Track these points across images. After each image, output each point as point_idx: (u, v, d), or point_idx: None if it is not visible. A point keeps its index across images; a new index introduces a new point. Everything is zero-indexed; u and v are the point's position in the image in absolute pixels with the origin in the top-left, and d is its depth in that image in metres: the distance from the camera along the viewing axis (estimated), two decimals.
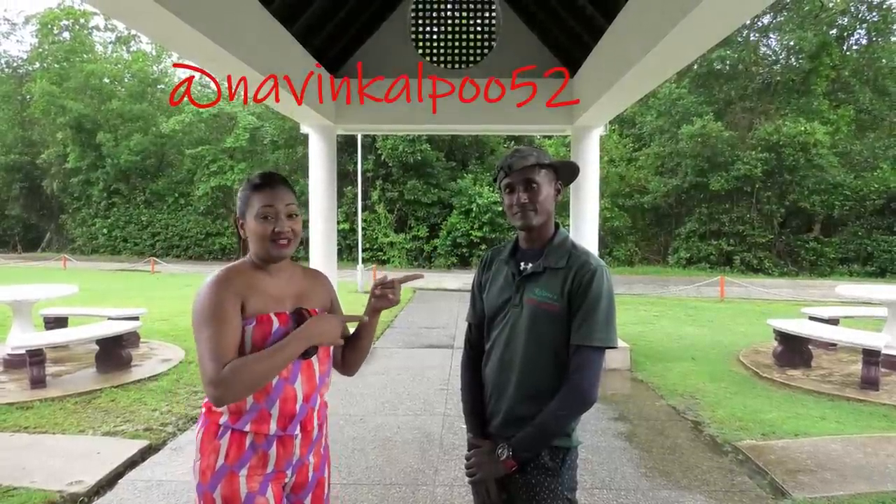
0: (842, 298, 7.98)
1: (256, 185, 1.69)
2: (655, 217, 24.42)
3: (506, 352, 1.84)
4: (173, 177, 27.12)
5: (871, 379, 5.78)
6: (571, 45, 6.71)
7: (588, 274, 1.76)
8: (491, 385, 1.90)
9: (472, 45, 7.12)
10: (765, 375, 6.37)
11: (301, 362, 1.68)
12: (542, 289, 1.79)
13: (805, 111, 21.64)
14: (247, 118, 24.62)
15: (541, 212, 1.83)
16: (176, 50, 4.22)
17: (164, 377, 6.14)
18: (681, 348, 7.97)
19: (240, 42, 4.30)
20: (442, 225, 23.38)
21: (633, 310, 11.76)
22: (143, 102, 27.88)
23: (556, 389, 1.74)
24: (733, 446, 4.42)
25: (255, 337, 1.60)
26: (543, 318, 1.77)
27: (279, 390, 1.64)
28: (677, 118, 22.31)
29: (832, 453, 4.20)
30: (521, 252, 1.93)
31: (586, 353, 1.72)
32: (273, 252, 1.68)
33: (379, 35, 7.13)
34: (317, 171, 7.39)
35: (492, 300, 1.92)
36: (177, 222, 26.56)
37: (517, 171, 1.82)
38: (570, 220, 7.42)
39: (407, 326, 9.81)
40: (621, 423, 4.99)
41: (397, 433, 4.71)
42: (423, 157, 22.77)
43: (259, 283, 1.67)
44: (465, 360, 2.04)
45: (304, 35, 5.93)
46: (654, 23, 3.95)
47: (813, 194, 20.84)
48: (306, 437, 1.72)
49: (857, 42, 23.75)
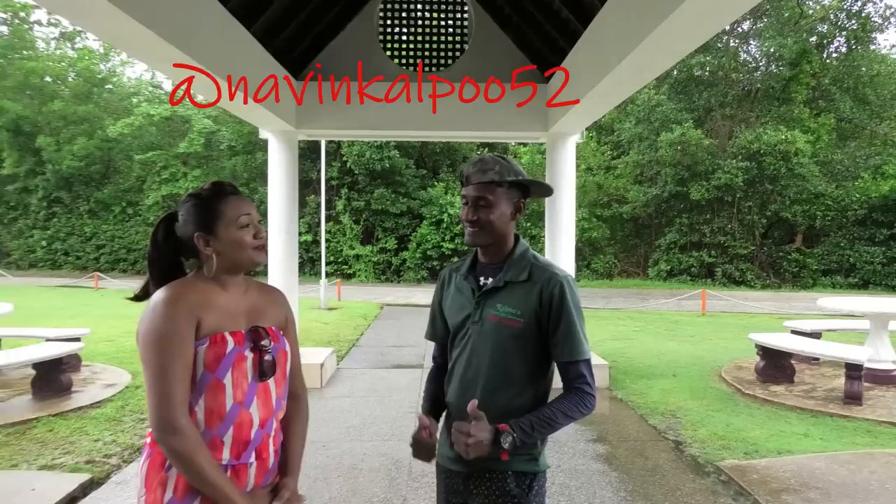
0: (824, 311, 8.24)
1: (221, 192, 1.70)
2: (635, 228, 24.84)
3: (467, 371, 1.85)
4: (120, 184, 26.60)
5: (854, 394, 5.94)
6: (547, 50, 6.81)
7: (557, 287, 1.77)
8: (453, 406, 1.90)
9: (444, 48, 7.17)
10: (747, 392, 6.50)
11: (257, 384, 1.66)
12: (503, 304, 1.80)
13: (785, 119, 22.32)
14: (202, 122, 24.36)
15: (488, 232, 1.82)
16: (125, 49, 4.16)
17: (108, 404, 5.99)
18: (661, 365, 8.09)
19: (194, 41, 4.26)
20: (411, 236, 23.38)
21: (612, 325, 11.90)
22: (89, 104, 27.31)
23: (519, 410, 1.76)
24: (715, 466, 4.49)
25: (207, 358, 1.57)
26: (505, 335, 1.79)
27: (234, 415, 1.61)
28: (656, 125, 22.78)
29: (816, 471, 4.30)
30: (480, 267, 1.93)
31: (580, 367, 1.77)
32: (257, 259, 1.71)
33: (345, 36, 7.14)
34: (277, 178, 7.33)
35: (452, 318, 1.93)
36: (124, 234, 26.02)
37: (472, 185, 1.81)
38: (546, 231, 7.50)
39: (373, 345, 9.75)
40: (600, 445, 5.03)
41: (363, 460, 4.67)
42: (392, 164, 22.78)
43: (214, 298, 1.65)
44: (432, 375, 2.08)
45: (264, 35, 5.90)
46: (631, 27, 4.04)
47: (794, 204, 21.46)
48: (261, 466, 1.69)
49: (836, 50, 24.64)
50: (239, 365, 1.62)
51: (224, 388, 1.59)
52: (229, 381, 1.60)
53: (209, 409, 1.58)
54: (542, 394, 1.85)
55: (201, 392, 1.58)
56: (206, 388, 1.58)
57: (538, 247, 21.17)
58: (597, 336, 10.28)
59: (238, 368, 1.62)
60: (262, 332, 1.69)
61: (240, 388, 1.62)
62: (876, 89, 23.53)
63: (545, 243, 7.42)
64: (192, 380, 1.57)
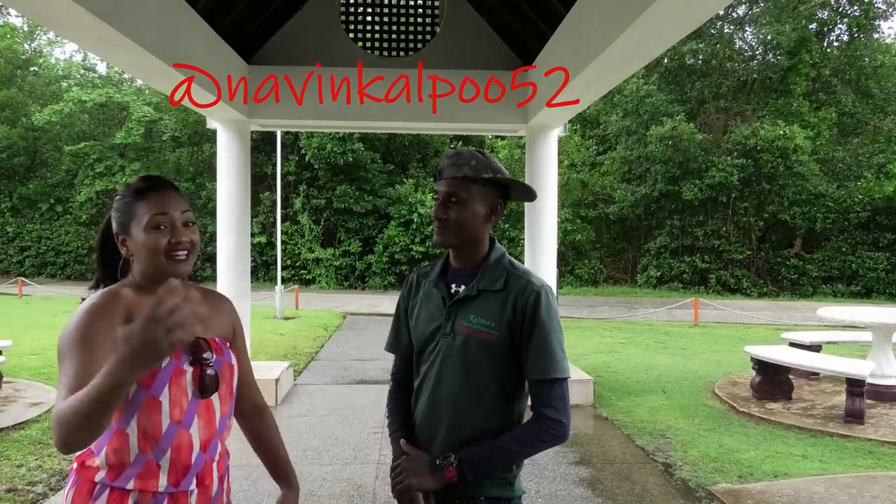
0: (824, 322, 8.43)
1: (141, 189, 1.64)
2: (622, 230, 25.12)
3: (437, 388, 1.84)
4: (48, 179, 26.07)
5: (855, 412, 6.08)
6: (526, 34, 6.86)
7: (532, 298, 1.76)
8: (421, 429, 1.89)
9: (413, 32, 7.18)
10: (742, 409, 6.62)
11: (198, 402, 1.63)
12: (477, 315, 1.79)
13: (784, 113, 22.77)
14: (141, 109, 24.01)
15: (458, 233, 1.81)
16: (53, 27, 4.09)
17: (33, 425, 5.87)
18: (650, 380, 8.19)
19: (129, 18, 4.20)
20: (377, 238, 23.33)
21: (597, 336, 12.02)
22: (12, 88, 26.69)
23: (492, 432, 1.76)
24: (707, 491, 4.56)
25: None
26: (478, 349, 1.78)
27: (171, 437, 1.58)
28: (645, 118, 23.09)
29: (815, 496, 4.39)
30: (451, 272, 1.91)
31: (552, 385, 1.74)
32: (169, 268, 1.62)
33: (302, 17, 7.10)
34: (227, 173, 7.26)
35: (420, 329, 1.91)
36: (52, 234, 25.49)
37: (445, 180, 1.81)
38: (525, 233, 7.54)
39: (335, 358, 9.70)
40: (583, 468, 5.07)
41: (322, 486, 4.65)
42: (356, 158, 22.69)
43: (143, 308, 1.62)
44: (392, 394, 2.05)
45: (212, 15, 5.85)
46: (617, 10, 4.09)
47: (793, 205, 21.90)
48: (204, 493, 1.66)
49: (838, 38, 25.26)
50: (177, 380, 1.59)
51: (160, 406, 1.56)
52: (166, 398, 1.57)
53: (143, 429, 1.55)
54: (518, 416, 1.85)
55: (133, 412, 1.55)
56: (140, 407, 1.55)
57: (517, 250, 21.31)
58: (581, 349, 10.37)
59: (176, 384, 1.58)
60: (203, 343, 1.66)
61: (178, 407, 1.59)
62: (879, 81, 24.07)
63: (525, 246, 7.47)
64: (124, 399, 1.54)
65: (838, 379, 6.94)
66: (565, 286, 22.42)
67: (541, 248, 7.34)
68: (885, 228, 21.57)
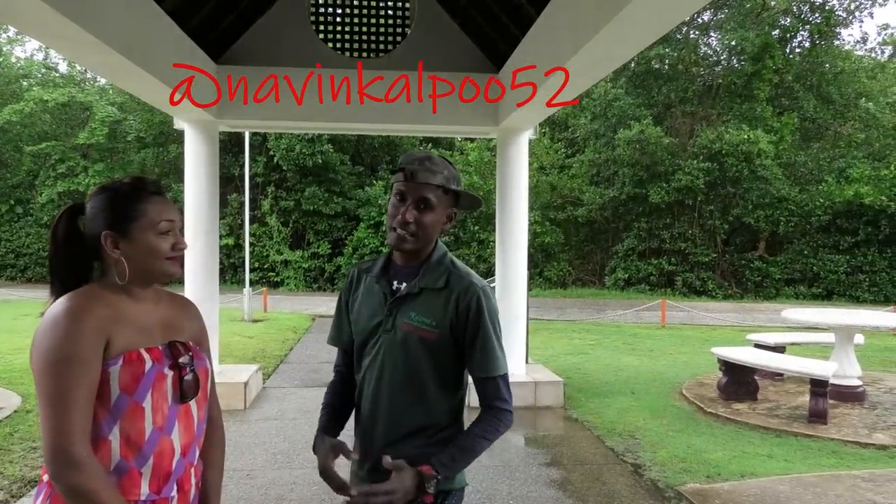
0: (788, 323, 8.63)
1: (145, 190, 1.63)
2: (590, 232, 25.33)
3: (379, 382, 1.89)
4: (8, 180, 25.41)
5: (819, 412, 6.21)
6: (497, 37, 6.89)
7: (474, 298, 1.83)
8: (366, 423, 1.93)
9: (383, 33, 7.16)
10: (709, 410, 6.72)
11: (179, 407, 1.61)
12: (418, 313, 1.84)
13: (748, 118, 23.20)
14: (105, 109, 23.55)
15: (421, 238, 1.86)
16: (15, 24, 3.99)
17: None
18: (619, 381, 8.28)
19: (93, 15, 4.12)
20: (347, 240, 23.21)
21: (566, 338, 12.10)
22: None
23: (433, 426, 1.84)
24: (676, 491, 4.62)
25: (123, 379, 1.51)
26: (419, 346, 1.83)
27: (154, 443, 1.55)
28: (613, 121, 23.34)
29: (781, 495, 4.47)
30: (394, 269, 1.96)
31: (496, 383, 1.84)
32: (171, 271, 1.65)
33: (271, 16, 7.04)
34: (195, 174, 7.16)
35: (361, 324, 1.95)
36: (12, 236, 24.85)
37: (419, 183, 1.83)
38: (496, 236, 7.56)
39: (304, 361, 9.63)
40: (554, 469, 5.10)
41: (293, 490, 4.61)
42: (325, 159, 22.56)
43: (125, 310, 1.58)
44: (332, 385, 2.09)
45: (179, 13, 5.76)
46: (588, 15, 4.13)
47: (757, 209, 22.31)
48: (183, 499, 1.64)
49: (800, 45, 25.79)
50: (159, 385, 1.57)
51: (143, 412, 1.54)
52: (149, 404, 1.55)
53: (126, 437, 1.52)
54: (457, 406, 1.93)
55: (117, 418, 1.52)
56: (123, 413, 1.52)
57: (487, 252, 21.38)
58: (550, 350, 10.43)
59: (158, 390, 1.57)
60: (180, 347, 1.65)
61: (160, 412, 1.56)
62: (840, 87, 24.62)
63: (496, 249, 7.48)
64: (105, 405, 1.51)
65: (802, 379, 7.09)
66: (534, 288, 22.54)
67: (512, 250, 7.37)
68: (845, 232, 22.06)
